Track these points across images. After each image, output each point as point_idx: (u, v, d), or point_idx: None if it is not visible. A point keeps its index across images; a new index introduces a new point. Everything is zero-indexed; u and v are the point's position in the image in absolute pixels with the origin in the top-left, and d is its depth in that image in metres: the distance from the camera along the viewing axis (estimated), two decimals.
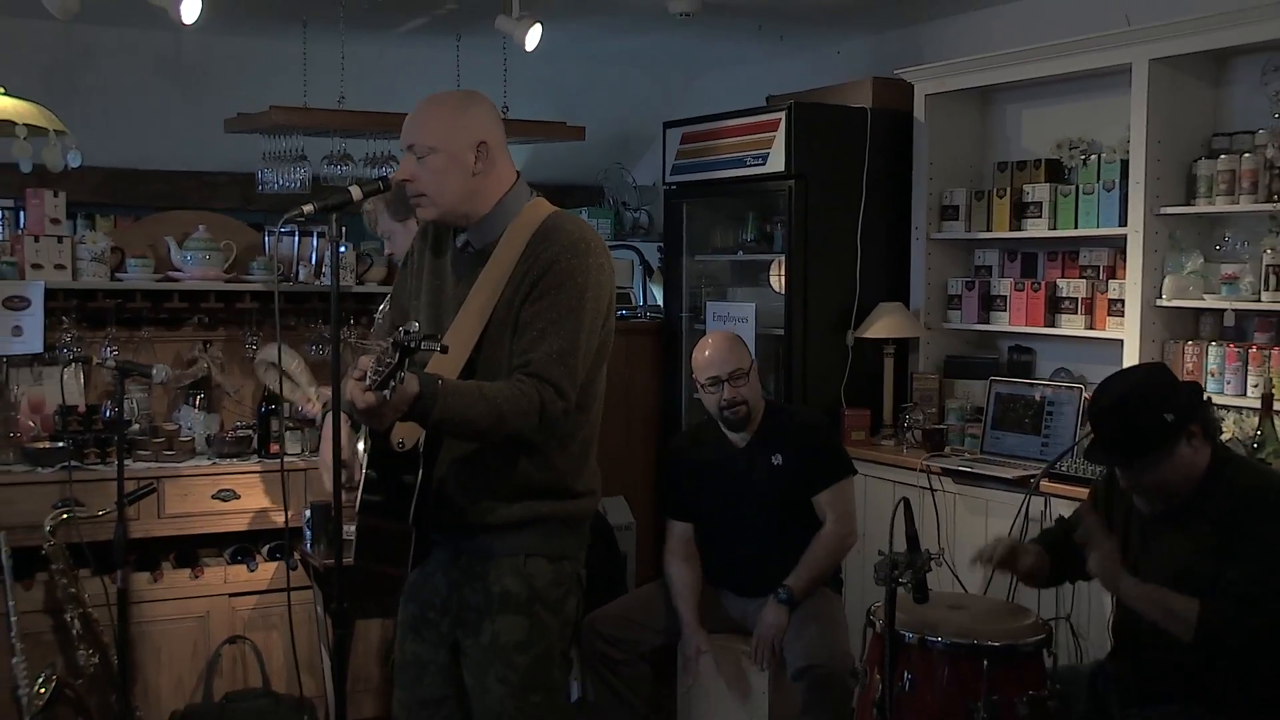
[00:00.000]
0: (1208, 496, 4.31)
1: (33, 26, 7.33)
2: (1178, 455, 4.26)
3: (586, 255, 3.84)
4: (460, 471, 3.85)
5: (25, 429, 6.12)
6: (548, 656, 3.91)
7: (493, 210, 3.92)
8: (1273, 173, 5.94)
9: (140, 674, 5.94)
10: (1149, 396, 4.36)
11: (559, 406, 3.71)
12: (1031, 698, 4.36)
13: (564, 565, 3.97)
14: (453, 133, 3.85)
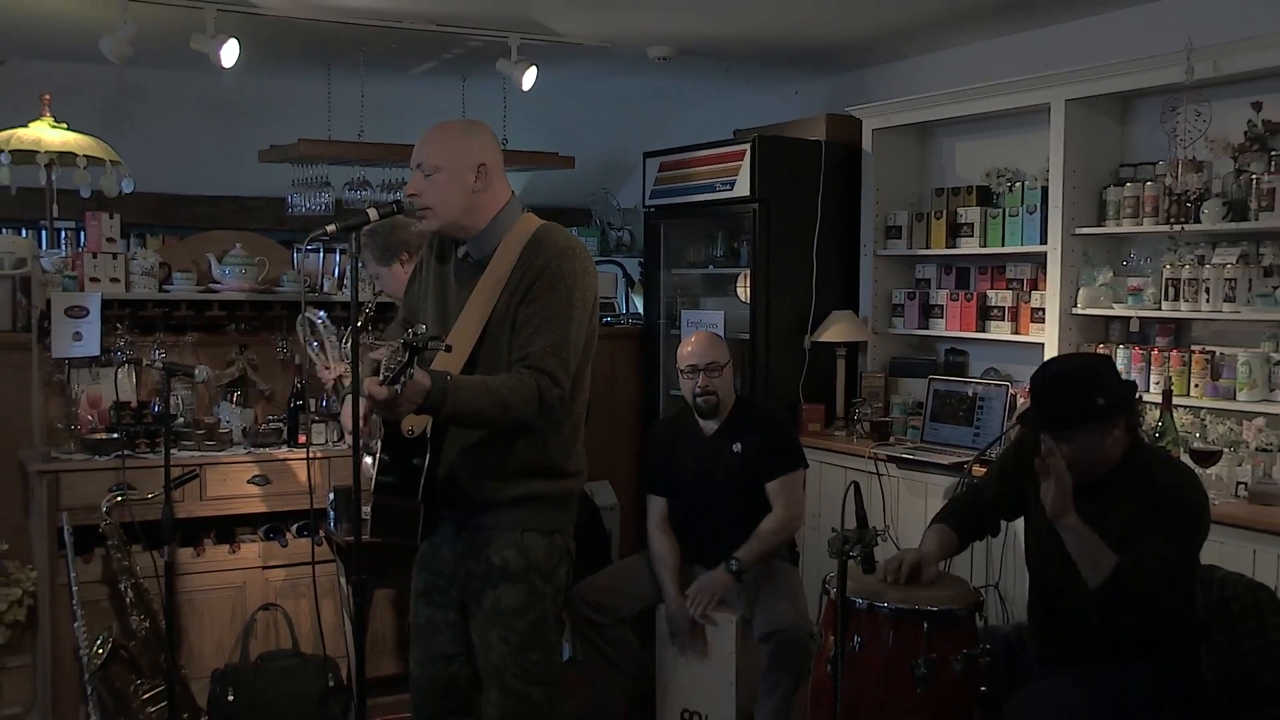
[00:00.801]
0: (1121, 482, 4.31)
1: (92, 70, 7.30)
2: (1097, 438, 4.28)
3: (574, 261, 3.88)
4: (464, 454, 3.87)
5: (85, 422, 6.09)
6: (543, 619, 3.94)
7: (489, 224, 3.94)
8: (1171, 198, 5.98)
9: (185, 637, 5.92)
10: (1088, 378, 4.37)
11: (555, 394, 3.76)
12: (965, 655, 4.37)
13: (556, 539, 3.99)
14: (456, 154, 3.88)
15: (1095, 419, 4.24)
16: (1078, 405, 4.25)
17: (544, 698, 3.95)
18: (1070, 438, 4.25)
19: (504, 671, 3.91)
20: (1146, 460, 4.36)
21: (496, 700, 3.94)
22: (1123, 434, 4.33)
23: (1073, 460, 4.27)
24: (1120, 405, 4.30)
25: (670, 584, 5.77)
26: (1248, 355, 5.79)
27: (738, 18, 7.07)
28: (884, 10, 6.88)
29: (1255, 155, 5.84)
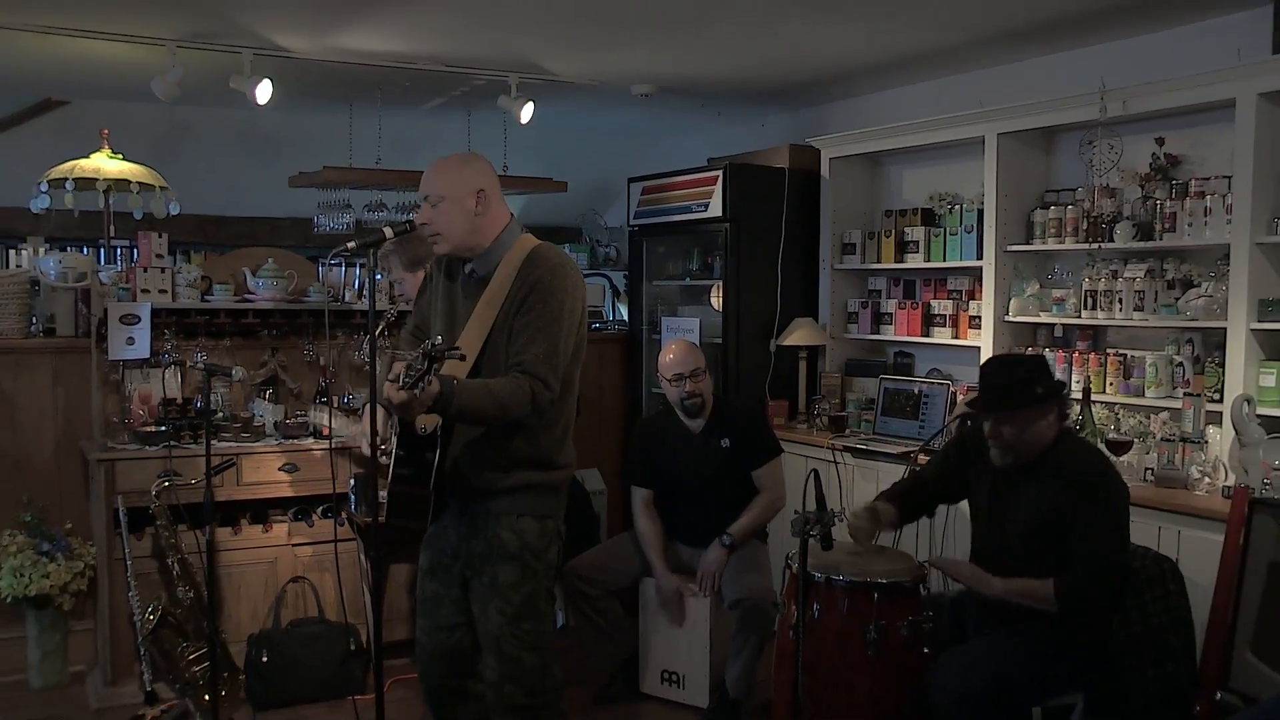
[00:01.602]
0: (1052, 462, 4.34)
1: (144, 108, 7.30)
2: (1034, 421, 4.31)
3: (564, 277, 3.92)
4: (469, 449, 3.90)
5: (137, 416, 6.07)
6: (536, 593, 3.97)
7: (492, 244, 3.97)
8: (1088, 220, 6.05)
9: (224, 605, 5.95)
10: (1029, 370, 4.41)
11: (546, 396, 3.80)
12: (910, 622, 4.46)
13: (547, 522, 4.01)
14: (457, 184, 3.92)
15: (1033, 403, 4.28)
16: (1020, 391, 4.29)
17: (536, 662, 3.97)
18: (1012, 418, 4.29)
19: (501, 639, 3.93)
20: (1073, 447, 4.42)
21: (494, 664, 3.96)
22: (1054, 420, 4.37)
23: (1013, 441, 4.32)
24: (1054, 394, 4.34)
25: (659, 561, 5.78)
26: (1154, 357, 5.87)
27: (711, 60, 7.09)
28: (839, 54, 6.90)
29: (1159, 183, 5.94)
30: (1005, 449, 4.38)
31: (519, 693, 3.96)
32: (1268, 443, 4.98)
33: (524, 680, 3.95)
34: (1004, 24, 6.10)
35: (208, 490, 5.05)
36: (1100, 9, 5.80)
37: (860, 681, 4.45)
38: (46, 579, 5.83)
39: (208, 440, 5.17)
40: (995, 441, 4.41)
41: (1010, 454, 4.38)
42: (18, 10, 5.89)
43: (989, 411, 4.39)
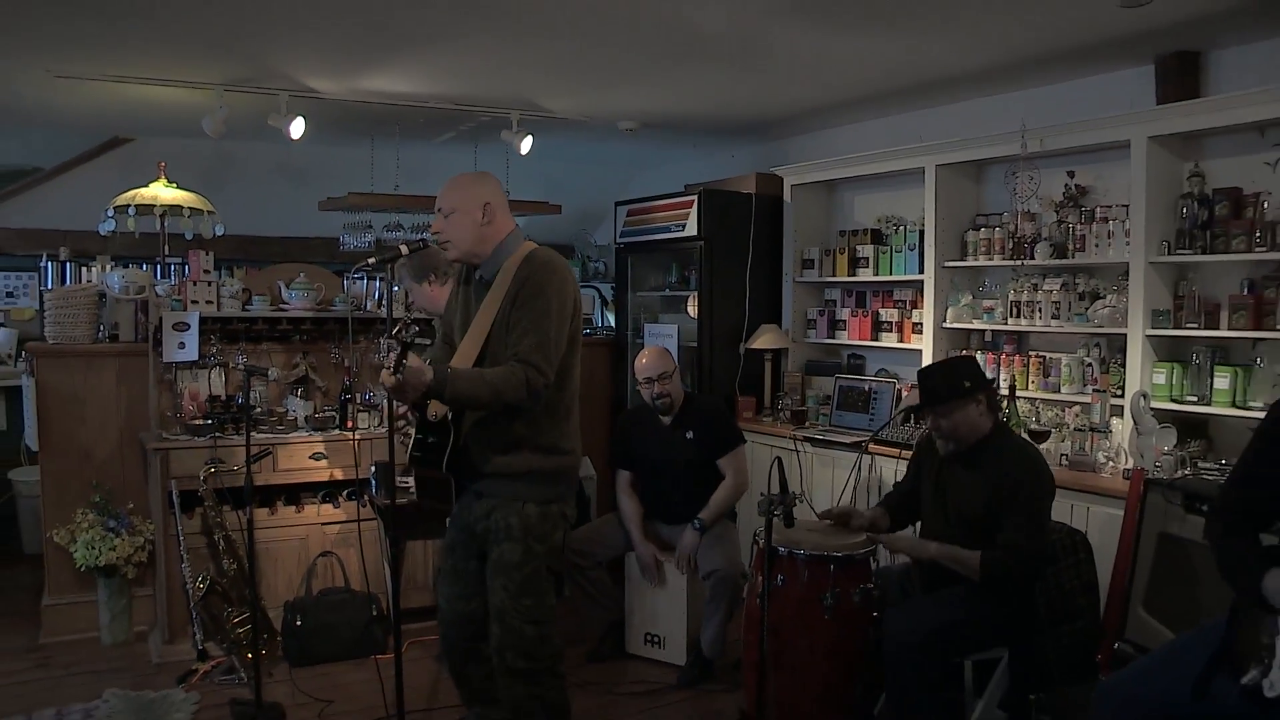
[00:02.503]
0: (987, 451, 4.41)
1: (196, 143, 7.30)
2: (966, 412, 4.39)
3: (552, 273, 3.90)
4: (478, 435, 3.90)
5: (187, 411, 6.14)
6: (537, 573, 3.95)
7: (495, 250, 3.96)
8: (1013, 241, 6.12)
9: (263, 576, 5.94)
10: (957, 368, 4.52)
11: (540, 380, 3.77)
12: (862, 589, 4.52)
13: (551, 508, 3.99)
14: (466, 198, 3.93)
15: (962, 395, 4.37)
16: (948, 387, 4.39)
17: (534, 634, 3.95)
18: (948, 412, 4.38)
19: (504, 612, 3.93)
20: (1007, 441, 4.49)
21: (498, 633, 3.96)
22: (985, 409, 4.43)
23: (950, 430, 4.42)
24: (979, 386, 4.42)
25: (637, 534, 5.82)
26: (1068, 359, 5.97)
27: (687, 100, 7.11)
28: (799, 96, 6.95)
29: (1071, 210, 6.02)
30: (946, 438, 4.47)
31: (519, 658, 3.95)
32: (1159, 431, 5.11)
33: (523, 648, 3.94)
34: (940, 72, 6.16)
35: (248, 476, 5.12)
36: (1020, 62, 5.88)
37: (818, 641, 4.48)
38: (113, 551, 5.90)
39: (247, 432, 5.22)
40: (936, 433, 4.50)
41: (951, 442, 4.47)
42: (94, 62, 5.95)
43: (926, 407, 4.48)
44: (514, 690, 3.99)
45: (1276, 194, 5.16)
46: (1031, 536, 4.28)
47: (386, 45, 5.69)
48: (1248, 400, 5.22)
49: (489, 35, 5.49)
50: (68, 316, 6.27)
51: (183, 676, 5.54)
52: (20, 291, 8.83)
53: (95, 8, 4.97)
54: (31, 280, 8.78)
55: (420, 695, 5.33)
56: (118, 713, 5.10)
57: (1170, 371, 5.44)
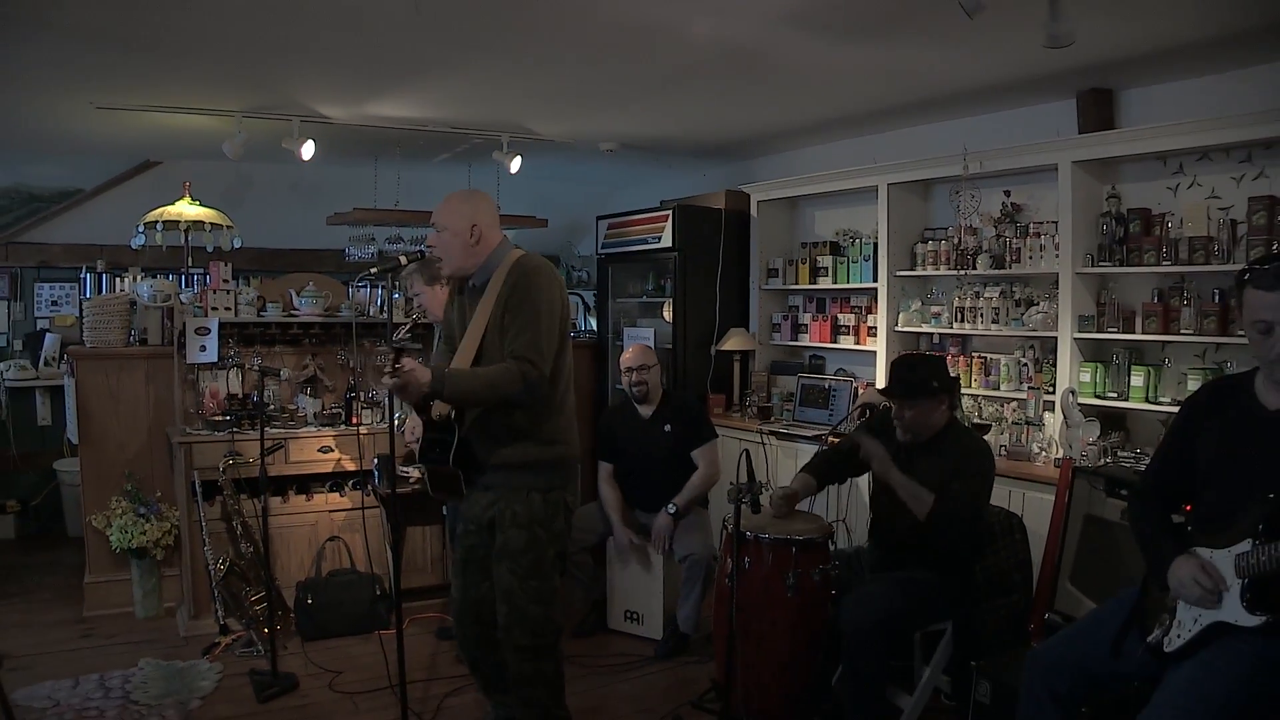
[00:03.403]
0: (942, 444, 4.46)
1: (215, 164, 7.30)
2: (929, 408, 4.45)
3: (539, 275, 3.85)
4: (482, 430, 3.89)
5: (208, 408, 6.16)
6: (542, 557, 3.91)
7: (485, 261, 3.93)
8: (957, 253, 6.21)
9: (277, 559, 6.01)
10: (928, 368, 4.54)
11: (535, 374, 3.74)
12: (821, 570, 4.57)
13: (553, 495, 3.94)
14: (457, 218, 3.89)
15: (930, 394, 4.43)
16: (920, 384, 4.43)
17: (540, 613, 3.92)
18: (913, 405, 4.44)
19: (511, 593, 3.89)
20: (959, 433, 4.55)
21: (505, 612, 3.92)
22: (946, 410, 4.51)
23: (912, 422, 4.47)
24: (947, 389, 4.49)
25: (618, 521, 5.81)
26: (1007, 360, 6.06)
27: (663, 125, 7.14)
28: (765, 121, 7.00)
29: (1008, 225, 6.11)
30: (906, 428, 4.51)
31: (525, 635, 3.92)
32: (1085, 424, 5.21)
33: (529, 626, 3.91)
34: (892, 101, 6.22)
35: (262, 467, 5.22)
36: (962, 93, 5.96)
37: (782, 617, 4.53)
38: (144, 535, 5.96)
39: (262, 427, 5.31)
40: (899, 422, 4.52)
41: (910, 432, 4.51)
42: (128, 94, 5.99)
43: (895, 397, 4.51)
44: (519, 665, 3.97)
45: (1178, 215, 5.31)
46: (975, 497, 4.34)
47: (389, 75, 5.73)
48: (1158, 396, 5.35)
49: (482, 67, 5.54)
50: (103, 322, 6.31)
51: (207, 648, 5.57)
52: (64, 300, 8.87)
53: (131, 45, 5.03)
54: (73, 290, 8.78)
55: (420, 667, 5.36)
56: (152, 680, 5.15)
57: (1094, 371, 5.53)
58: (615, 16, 4.59)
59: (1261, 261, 3.01)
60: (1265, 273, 2.92)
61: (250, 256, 8.72)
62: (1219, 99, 5.24)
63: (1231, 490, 3.01)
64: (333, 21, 4.71)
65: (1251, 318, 2.95)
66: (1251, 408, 3.07)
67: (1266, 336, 2.92)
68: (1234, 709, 2.76)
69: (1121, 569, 4.27)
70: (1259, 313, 2.92)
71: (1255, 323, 2.94)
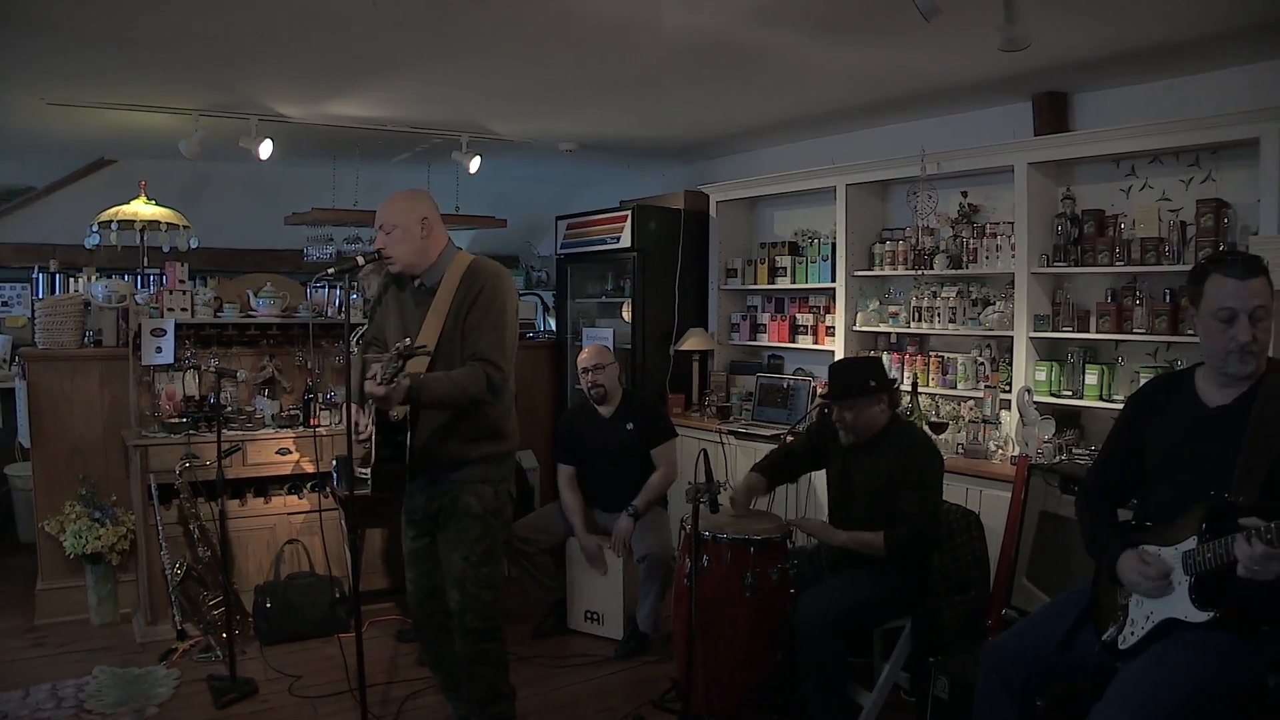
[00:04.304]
0: (886, 439, 4.49)
1: (172, 163, 7.26)
2: (869, 408, 4.47)
3: (502, 281, 3.94)
4: (437, 428, 3.92)
5: (165, 410, 6.09)
6: (494, 545, 4.01)
7: (436, 261, 3.96)
8: (914, 253, 6.27)
9: (235, 562, 5.96)
10: (864, 369, 4.59)
11: (499, 376, 3.84)
12: (779, 569, 4.59)
13: (501, 487, 4.04)
14: (405, 215, 3.91)
15: (867, 394, 4.45)
16: (857, 385, 4.47)
17: (490, 597, 4.00)
18: (851, 406, 4.46)
19: (465, 580, 3.96)
20: (901, 428, 4.58)
21: (458, 597, 3.99)
22: (885, 408, 4.52)
23: (852, 423, 4.49)
24: (884, 387, 4.51)
25: (579, 524, 5.82)
26: (964, 359, 6.13)
27: (622, 125, 7.16)
28: (724, 121, 7.03)
29: (964, 226, 6.19)
30: (847, 430, 4.54)
31: (475, 619, 3.99)
32: (1040, 422, 5.28)
33: (480, 610, 3.99)
34: (851, 102, 6.26)
35: (220, 470, 5.12)
36: (920, 95, 6.02)
37: (740, 615, 4.54)
38: (99, 540, 5.88)
39: (219, 429, 5.25)
40: (840, 424, 4.56)
41: (852, 434, 4.54)
42: (83, 91, 5.94)
43: (834, 400, 4.56)
44: (469, 646, 4.04)
45: (1131, 216, 5.41)
46: (924, 505, 4.36)
47: (348, 74, 5.72)
48: (1112, 394, 5.44)
49: (441, 66, 5.54)
50: (56, 324, 6.24)
51: (164, 654, 5.52)
52: (14, 301, 8.76)
53: (85, 41, 4.99)
54: (25, 290, 8.69)
55: (381, 669, 5.34)
56: (106, 688, 5.09)
57: (1050, 369, 5.60)
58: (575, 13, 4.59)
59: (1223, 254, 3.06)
60: (1234, 261, 2.96)
61: (207, 257, 8.65)
62: (1169, 104, 5.35)
63: (1177, 487, 3.06)
64: (291, 20, 4.69)
65: (1214, 306, 2.97)
66: (1193, 405, 3.12)
67: (1228, 326, 2.95)
68: (1185, 700, 2.82)
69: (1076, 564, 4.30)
70: (1224, 300, 2.94)
71: (1219, 310, 2.96)
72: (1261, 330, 2.94)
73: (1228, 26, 4.61)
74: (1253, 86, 5.03)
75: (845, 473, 4.64)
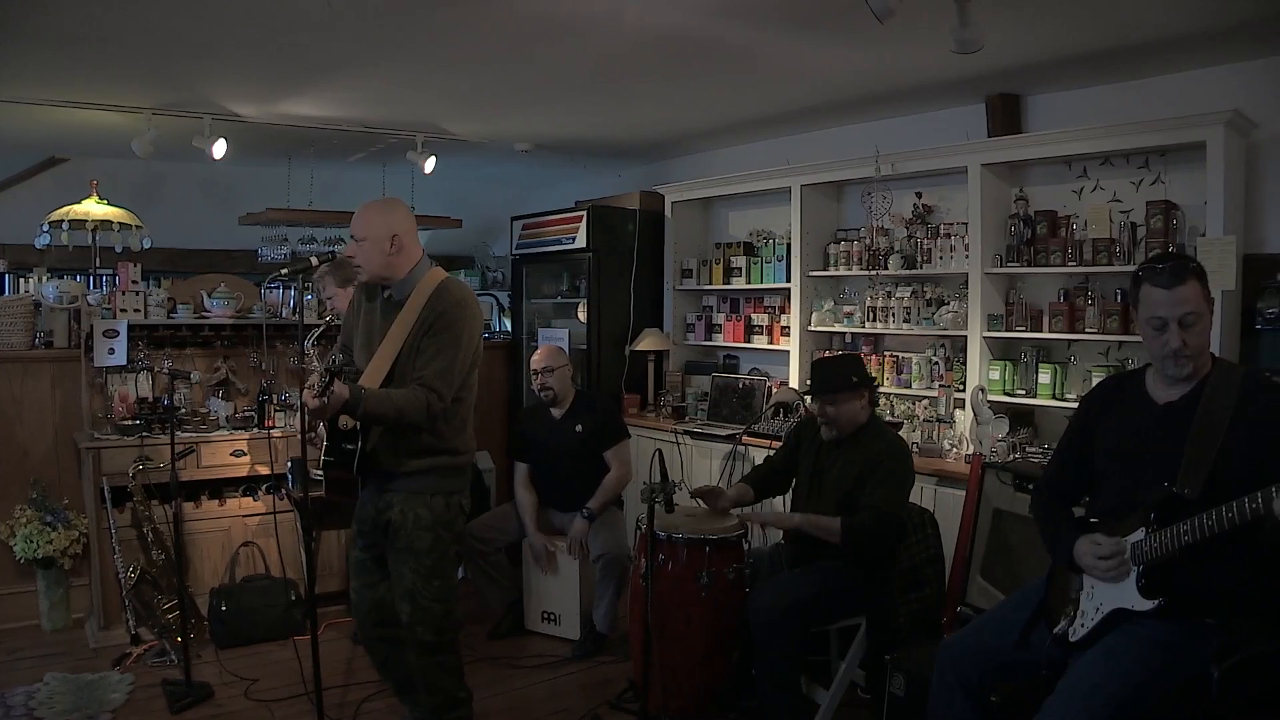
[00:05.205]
0: (863, 437, 4.52)
1: (126, 163, 7.17)
2: (849, 403, 4.50)
3: (464, 308, 3.90)
4: (385, 440, 3.89)
5: (118, 412, 6.05)
6: (445, 557, 3.97)
7: (407, 276, 3.94)
8: (869, 253, 6.30)
9: (190, 565, 5.90)
10: (846, 365, 4.63)
11: (439, 405, 3.81)
12: (735, 568, 4.62)
13: (453, 499, 4.00)
14: (376, 228, 3.89)
15: (849, 389, 4.49)
16: (840, 378, 4.51)
17: (442, 610, 3.97)
18: (834, 400, 4.49)
19: (415, 592, 3.93)
20: (879, 429, 4.61)
21: (408, 610, 3.95)
22: (866, 405, 4.56)
23: (834, 416, 4.52)
24: (865, 384, 4.55)
25: (531, 525, 5.83)
26: (918, 358, 6.17)
27: (577, 125, 7.17)
28: (679, 121, 7.03)
29: (919, 226, 6.22)
30: (829, 423, 4.56)
31: (428, 632, 3.96)
32: (994, 421, 5.30)
33: (432, 623, 3.96)
34: (806, 102, 6.29)
35: (174, 472, 5.08)
36: (874, 96, 6.06)
37: (696, 615, 4.56)
38: (50, 544, 5.81)
39: (173, 431, 5.21)
40: (822, 418, 4.59)
41: (834, 427, 4.56)
42: (32, 88, 5.87)
43: (816, 395, 4.58)
44: (423, 659, 4.02)
45: (1083, 217, 5.48)
46: (887, 500, 4.38)
47: (303, 73, 5.68)
48: (1065, 393, 5.50)
49: (396, 65, 5.52)
50: (5, 324, 6.16)
51: (118, 659, 5.46)
52: None
53: (34, 36, 4.92)
54: None
55: (337, 672, 5.31)
56: (58, 694, 5.02)
57: (1003, 369, 5.65)
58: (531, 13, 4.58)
59: (1156, 260, 3.13)
60: (1160, 271, 3.05)
61: (160, 257, 8.59)
62: (1120, 107, 5.43)
63: (1127, 482, 3.13)
64: (245, 17, 4.65)
65: (1146, 314, 3.07)
66: (1143, 402, 3.19)
67: (1160, 333, 3.04)
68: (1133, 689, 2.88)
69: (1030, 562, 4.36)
70: (1154, 309, 3.04)
71: (1151, 319, 3.06)
72: (1193, 334, 3.02)
73: (1175, 33, 4.69)
74: (1199, 92, 5.12)
75: (817, 470, 4.66)
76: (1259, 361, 4.79)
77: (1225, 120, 4.74)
